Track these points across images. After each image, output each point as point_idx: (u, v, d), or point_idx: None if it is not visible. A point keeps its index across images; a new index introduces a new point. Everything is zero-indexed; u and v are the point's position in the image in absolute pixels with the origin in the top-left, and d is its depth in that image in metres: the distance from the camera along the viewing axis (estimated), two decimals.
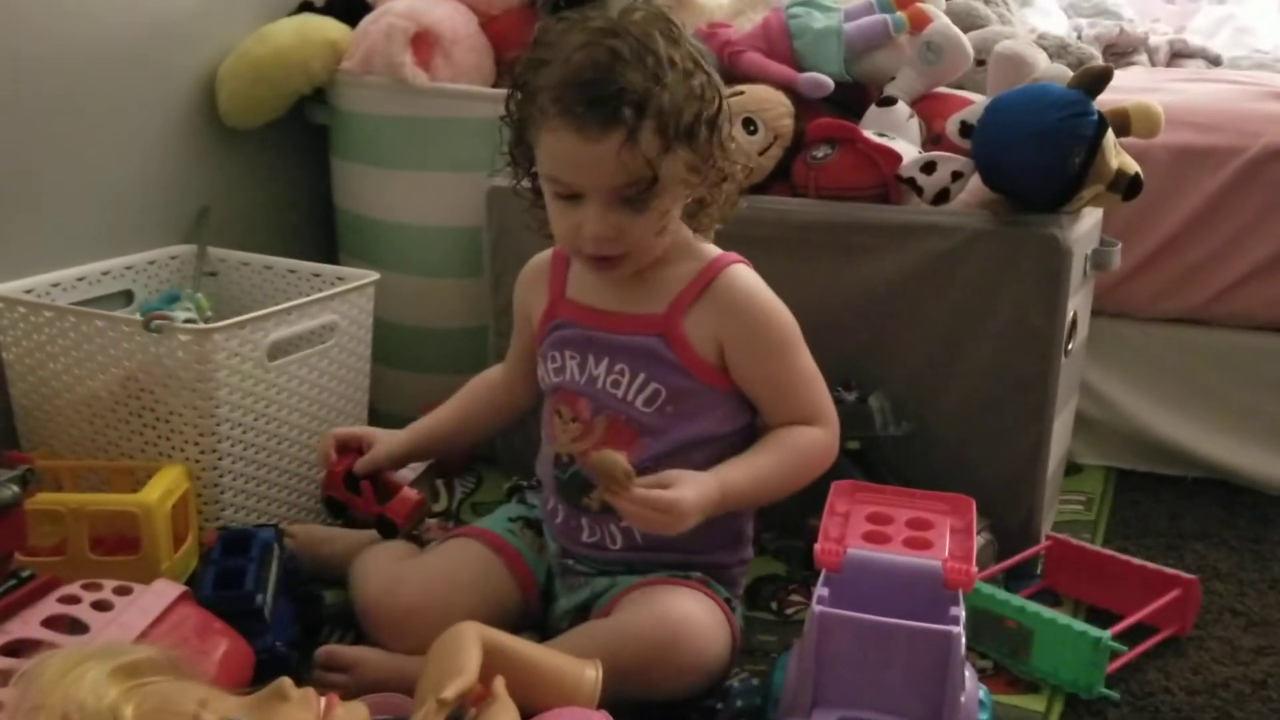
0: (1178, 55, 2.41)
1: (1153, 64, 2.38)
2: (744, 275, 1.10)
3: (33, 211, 1.39)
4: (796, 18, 1.49)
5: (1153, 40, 2.43)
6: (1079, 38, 2.36)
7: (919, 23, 1.46)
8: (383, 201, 1.61)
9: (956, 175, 1.32)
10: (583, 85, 0.97)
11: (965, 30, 1.49)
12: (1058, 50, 1.47)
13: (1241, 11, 2.81)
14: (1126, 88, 1.68)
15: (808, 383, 1.10)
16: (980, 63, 1.47)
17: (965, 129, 1.35)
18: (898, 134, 1.41)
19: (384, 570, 1.15)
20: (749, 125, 1.40)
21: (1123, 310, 1.61)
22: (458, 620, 0.88)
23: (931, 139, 1.44)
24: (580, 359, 1.11)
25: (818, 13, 1.49)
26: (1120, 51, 2.39)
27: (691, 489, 0.99)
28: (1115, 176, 1.27)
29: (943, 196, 1.33)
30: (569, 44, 1.00)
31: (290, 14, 1.67)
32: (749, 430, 1.13)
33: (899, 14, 1.46)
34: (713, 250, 1.12)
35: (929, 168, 1.33)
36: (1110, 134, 1.27)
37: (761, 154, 1.40)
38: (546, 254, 1.18)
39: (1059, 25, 2.36)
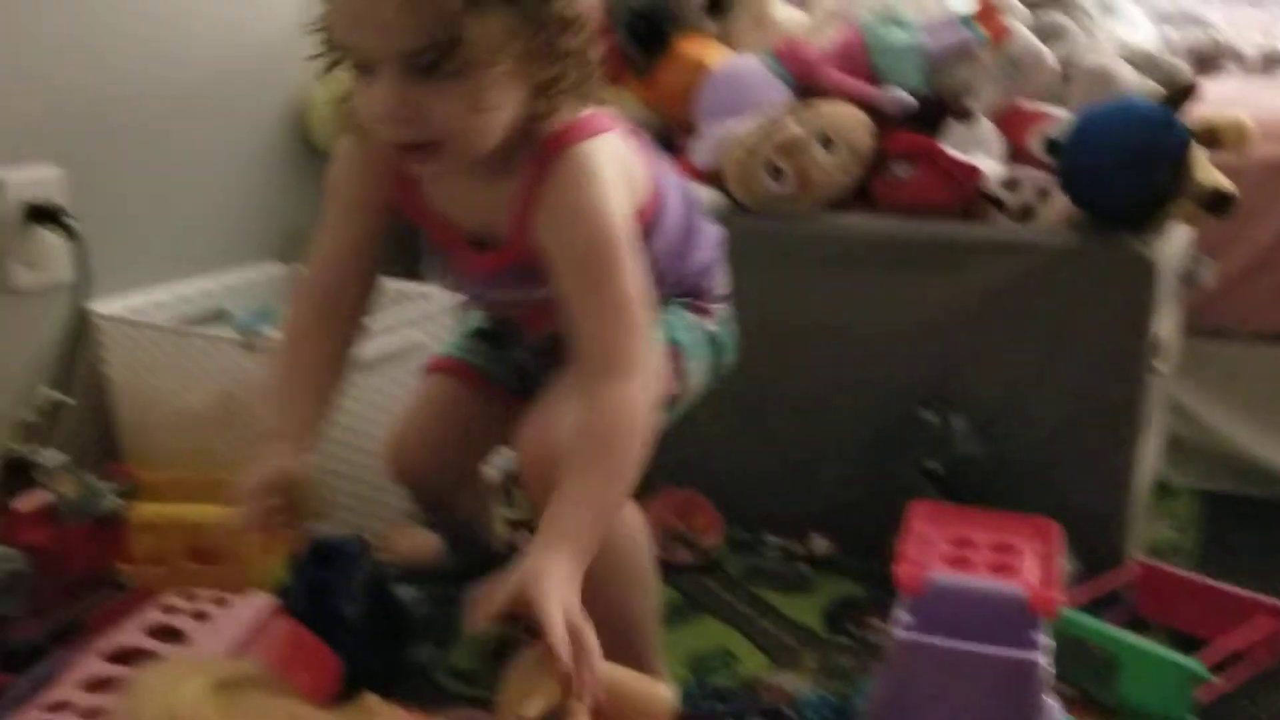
0: (1271, 62, 2.35)
1: (1245, 72, 2.32)
2: (579, 168, 0.91)
3: (136, 233, 1.45)
4: (875, 34, 1.48)
5: (1244, 48, 2.37)
6: (1168, 47, 2.31)
7: (1000, 37, 1.45)
8: None
9: (1041, 192, 1.31)
10: None
11: (1047, 43, 1.47)
12: (1144, 63, 1.44)
13: None
14: (1218, 99, 1.64)
15: (620, 312, 0.91)
16: (1065, 77, 1.46)
17: (1050, 145, 1.34)
18: (979, 149, 1.39)
19: (391, 436, 1.19)
20: (827, 143, 1.40)
21: (1216, 328, 1.57)
22: (456, 462, 1.00)
23: (1016, 155, 1.43)
24: (457, 273, 1.06)
25: (897, 29, 1.48)
26: (1210, 60, 2.33)
27: (550, 590, 0.81)
28: (1205, 193, 1.25)
29: (1027, 213, 1.32)
30: None
31: None
32: None
33: (980, 28, 1.45)
34: (556, 124, 0.91)
35: (1012, 184, 1.32)
36: (1198, 149, 1.25)
37: (840, 172, 1.40)
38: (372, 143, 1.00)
39: (1146, 34, 2.31)
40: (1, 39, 1.27)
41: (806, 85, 1.49)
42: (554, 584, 0.82)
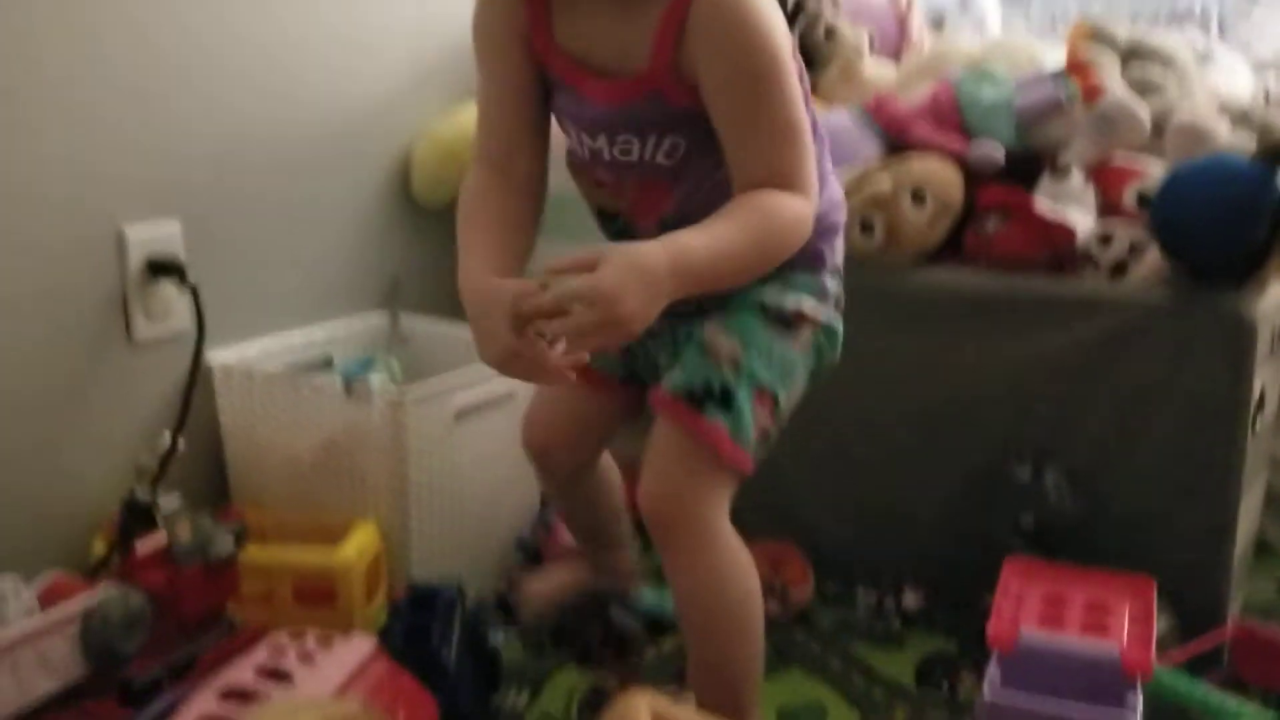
0: None
1: None
2: None
3: (248, 283, 1.52)
4: (966, 90, 1.50)
5: None
6: (1266, 95, 2.28)
7: (1093, 93, 1.45)
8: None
9: (1135, 248, 1.31)
10: None
11: (1142, 97, 1.46)
12: (1239, 118, 1.43)
13: None
14: None
15: (784, 131, 0.92)
16: (1159, 131, 1.45)
17: (1143, 200, 1.34)
18: (1072, 203, 1.39)
19: (525, 413, 1.20)
20: (917, 197, 1.41)
21: None
22: (577, 445, 1.10)
23: (1108, 208, 1.42)
24: (577, 128, 1.01)
25: (987, 85, 1.49)
26: None
27: (611, 268, 0.82)
28: None
29: (1120, 269, 1.31)
30: None
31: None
32: None
33: (1073, 84, 1.46)
34: None
35: (1105, 240, 1.32)
36: None
37: (930, 225, 1.41)
38: None
39: (1244, 82, 2.28)
40: (126, 103, 1.35)
41: (897, 140, 1.51)
42: (627, 257, 0.83)
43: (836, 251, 1.09)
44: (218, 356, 1.46)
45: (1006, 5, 3.42)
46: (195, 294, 1.40)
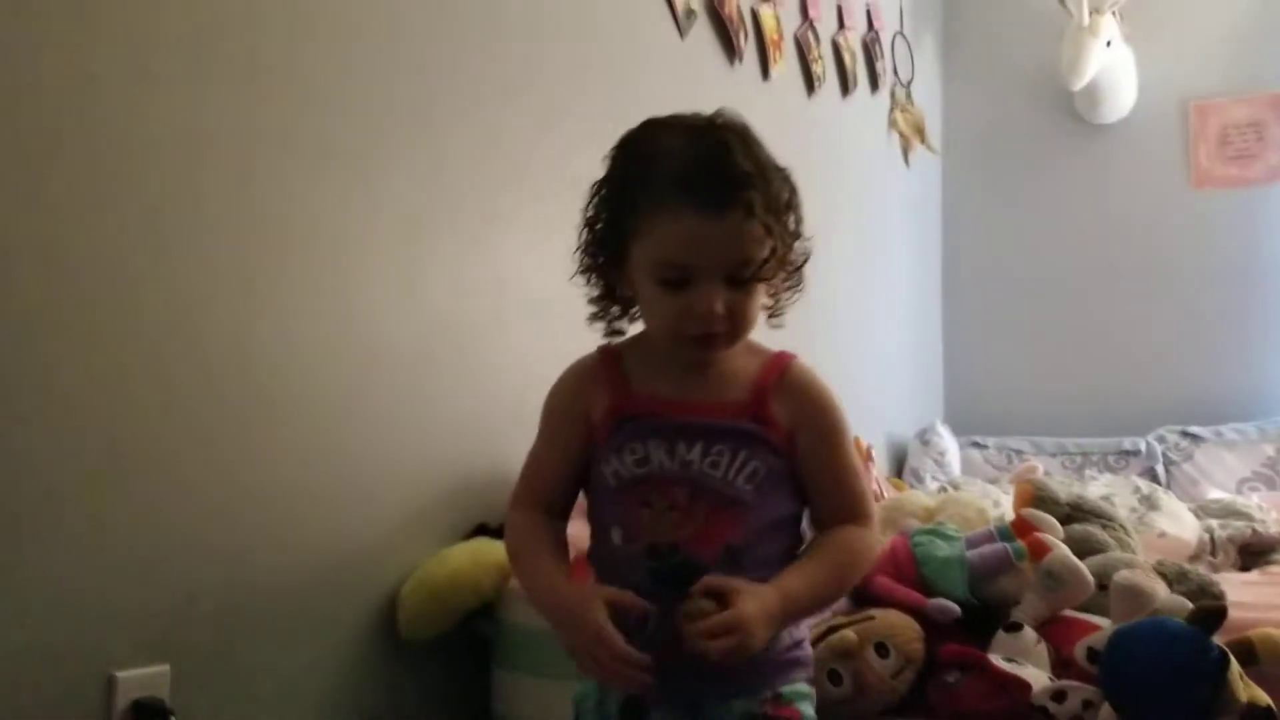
0: None
1: None
2: (810, 367, 1.19)
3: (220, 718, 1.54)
4: (921, 545, 1.62)
5: None
6: (1212, 540, 2.41)
7: (1039, 551, 1.56)
8: (539, 709, 1.71)
9: (1087, 704, 1.36)
10: (707, 167, 1.07)
11: (1084, 556, 1.58)
12: (1176, 577, 1.54)
13: None
14: (1257, 604, 1.71)
15: (857, 475, 1.16)
16: (1102, 587, 1.55)
17: (1093, 655, 1.41)
18: (1026, 659, 1.46)
19: None
20: (881, 650, 1.48)
21: None
22: None
23: (1061, 663, 1.49)
24: (669, 445, 1.13)
25: (940, 540, 1.61)
26: (1256, 551, 2.42)
27: (753, 602, 1.03)
28: (1246, 709, 1.29)
29: None
30: (675, 139, 1.11)
31: (465, 537, 1.88)
32: (801, 517, 1.18)
33: (1019, 543, 1.57)
34: (766, 346, 1.19)
35: (1059, 696, 1.38)
36: (1235, 666, 1.31)
37: (895, 677, 1.47)
38: (588, 359, 1.21)
39: (1190, 528, 2.42)
40: (121, 539, 1.41)
41: (861, 591, 1.60)
42: (759, 597, 1.04)
43: (810, 662, 1.20)
44: None
45: (964, 444, 3.66)
46: None
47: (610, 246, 1.14)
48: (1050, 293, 3.85)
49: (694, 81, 2.57)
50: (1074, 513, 1.72)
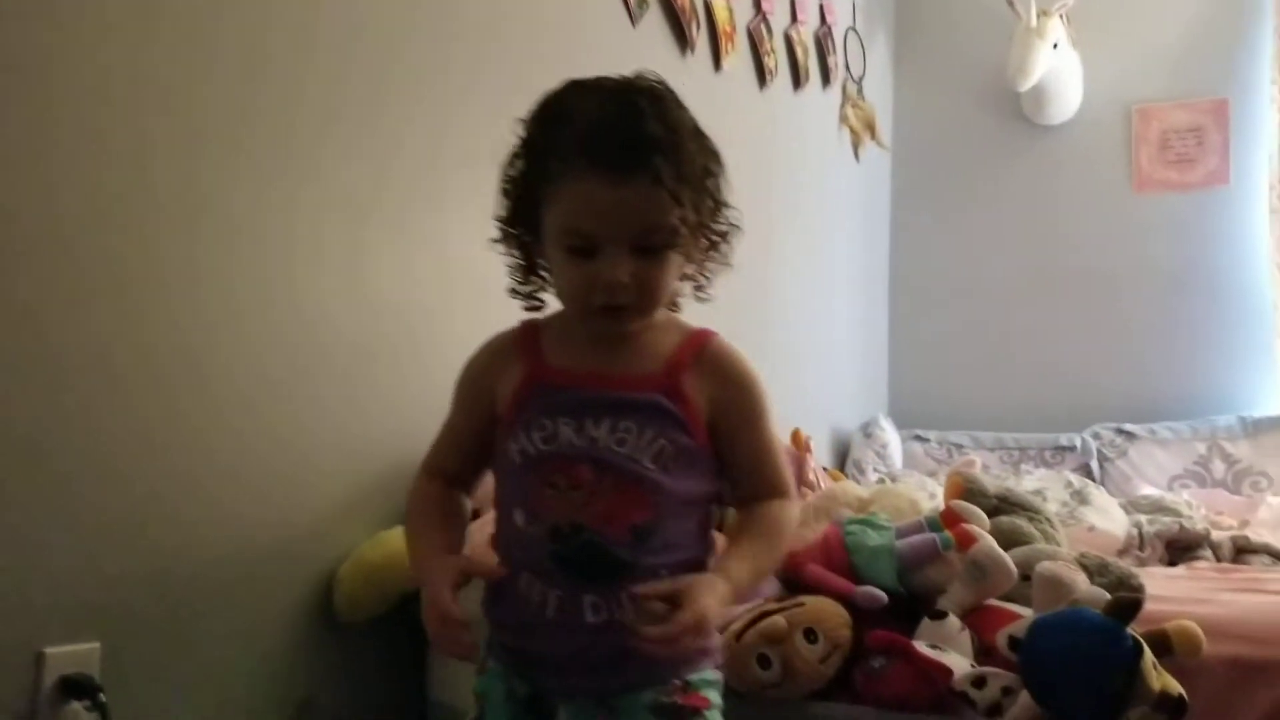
0: (1241, 551, 2.49)
1: (1217, 559, 2.46)
2: (730, 344, 1.16)
3: (164, 704, 1.53)
4: (852, 534, 1.64)
5: (1215, 536, 2.52)
6: (1140, 534, 2.47)
7: (965, 542, 1.60)
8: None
9: (1007, 690, 1.40)
10: (612, 131, 1.04)
11: (1010, 547, 1.62)
12: (1097, 569, 1.58)
13: None
14: (1178, 598, 1.76)
15: (778, 452, 1.16)
16: (1025, 577, 1.59)
17: (1014, 643, 1.44)
18: (950, 646, 1.50)
19: None
20: (810, 635, 1.51)
21: None
22: None
23: (984, 650, 1.53)
24: (577, 422, 1.10)
25: (871, 530, 1.64)
26: (1183, 547, 2.48)
27: (709, 596, 1.03)
28: (1158, 698, 1.33)
29: (994, 711, 1.39)
30: (587, 101, 1.07)
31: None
32: (715, 496, 1.17)
33: (947, 534, 1.61)
34: (690, 322, 1.18)
35: (980, 682, 1.41)
36: (1149, 656, 1.35)
37: (822, 662, 1.50)
38: (507, 332, 1.19)
39: (1119, 523, 2.48)
40: (56, 521, 1.41)
41: (792, 578, 1.63)
42: (713, 590, 1.03)
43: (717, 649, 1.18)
44: None
45: (906, 438, 3.72)
46: (105, 714, 1.42)
47: (526, 215, 1.11)
48: (994, 290, 3.91)
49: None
50: (1001, 505, 1.76)
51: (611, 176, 1.03)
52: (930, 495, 2.29)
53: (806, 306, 3.44)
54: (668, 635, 1.01)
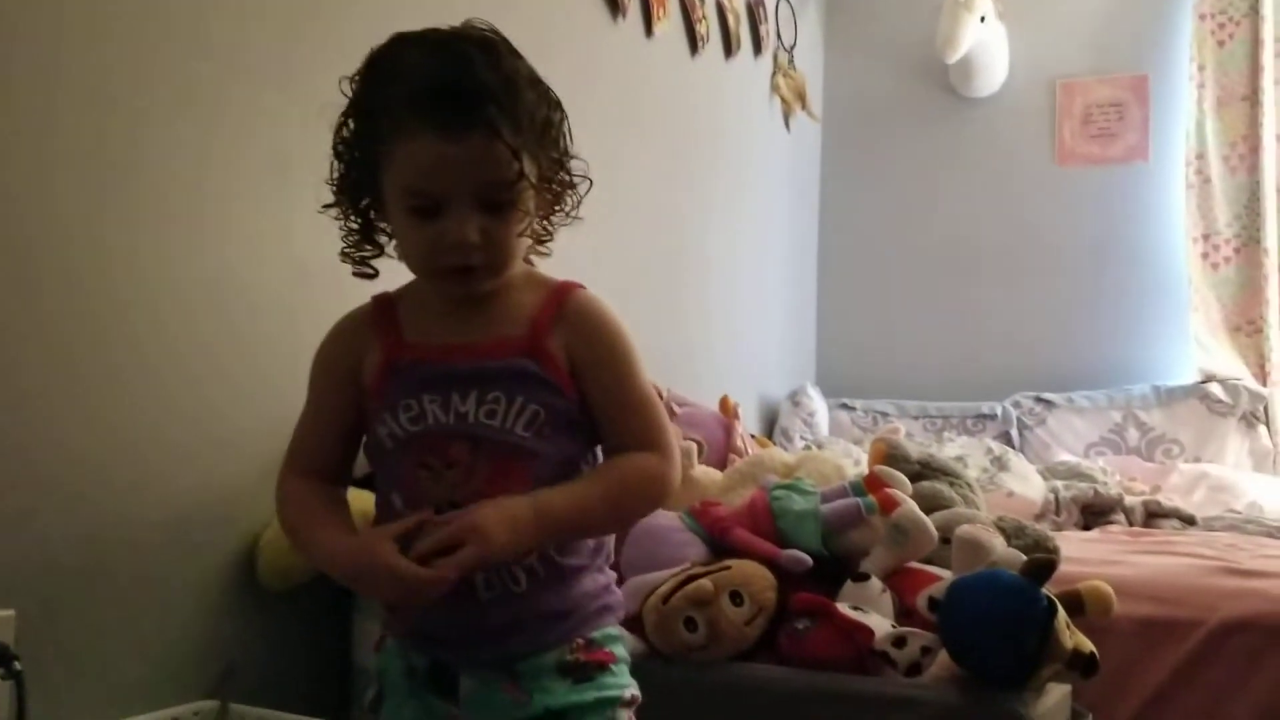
0: (1153, 515, 2.58)
1: (1130, 523, 2.54)
2: (593, 297, 1.10)
3: (80, 671, 1.50)
4: (778, 499, 1.66)
5: (1128, 500, 2.61)
6: (1056, 499, 2.55)
7: (888, 506, 1.63)
8: None
9: (926, 650, 1.43)
10: (443, 86, 0.98)
11: (931, 511, 1.65)
12: (1015, 532, 1.62)
13: (1215, 470, 3.02)
14: (1091, 560, 1.82)
15: (649, 404, 1.09)
16: (946, 540, 1.63)
17: (933, 604, 1.48)
18: (872, 607, 1.53)
19: None
20: (736, 598, 1.53)
21: None
22: None
23: (904, 612, 1.56)
24: (442, 398, 1.05)
25: (797, 495, 1.67)
26: (1098, 511, 2.56)
27: (486, 507, 0.98)
28: (1071, 656, 1.37)
29: (914, 669, 1.43)
30: (413, 56, 1.02)
31: None
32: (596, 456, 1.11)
33: (870, 498, 1.64)
34: (552, 277, 1.12)
35: (900, 642, 1.45)
36: (1063, 616, 1.39)
37: (747, 624, 1.53)
38: (359, 310, 1.14)
39: (1036, 489, 2.55)
40: None
41: (719, 542, 1.65)
42: (495, 503, 0.99)
43: (616, 623, 1.13)
44: None
45: (834, 406, 3.77)
46: (20, 683, 1.39)
47: (362, 177, 1.06)
48: (919, 261, 3.96)
49: (573, 38, 2.57)
50: (924, 470, 1.80)
51: (445, 133, 0.98)
52: (855, 462, 2.33)
53: (736, 276, 3.46)
54: (425, 550, 0.97)
